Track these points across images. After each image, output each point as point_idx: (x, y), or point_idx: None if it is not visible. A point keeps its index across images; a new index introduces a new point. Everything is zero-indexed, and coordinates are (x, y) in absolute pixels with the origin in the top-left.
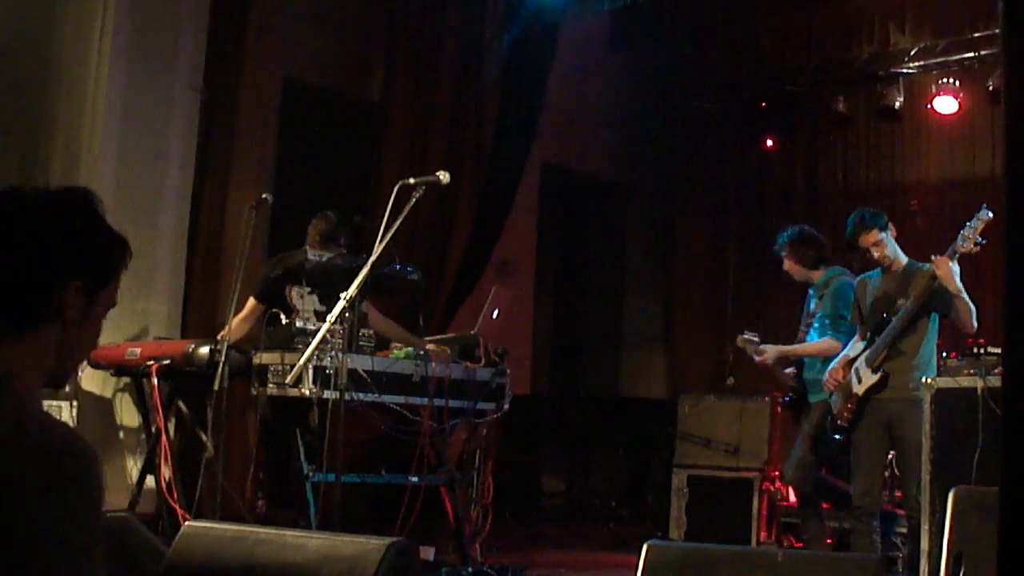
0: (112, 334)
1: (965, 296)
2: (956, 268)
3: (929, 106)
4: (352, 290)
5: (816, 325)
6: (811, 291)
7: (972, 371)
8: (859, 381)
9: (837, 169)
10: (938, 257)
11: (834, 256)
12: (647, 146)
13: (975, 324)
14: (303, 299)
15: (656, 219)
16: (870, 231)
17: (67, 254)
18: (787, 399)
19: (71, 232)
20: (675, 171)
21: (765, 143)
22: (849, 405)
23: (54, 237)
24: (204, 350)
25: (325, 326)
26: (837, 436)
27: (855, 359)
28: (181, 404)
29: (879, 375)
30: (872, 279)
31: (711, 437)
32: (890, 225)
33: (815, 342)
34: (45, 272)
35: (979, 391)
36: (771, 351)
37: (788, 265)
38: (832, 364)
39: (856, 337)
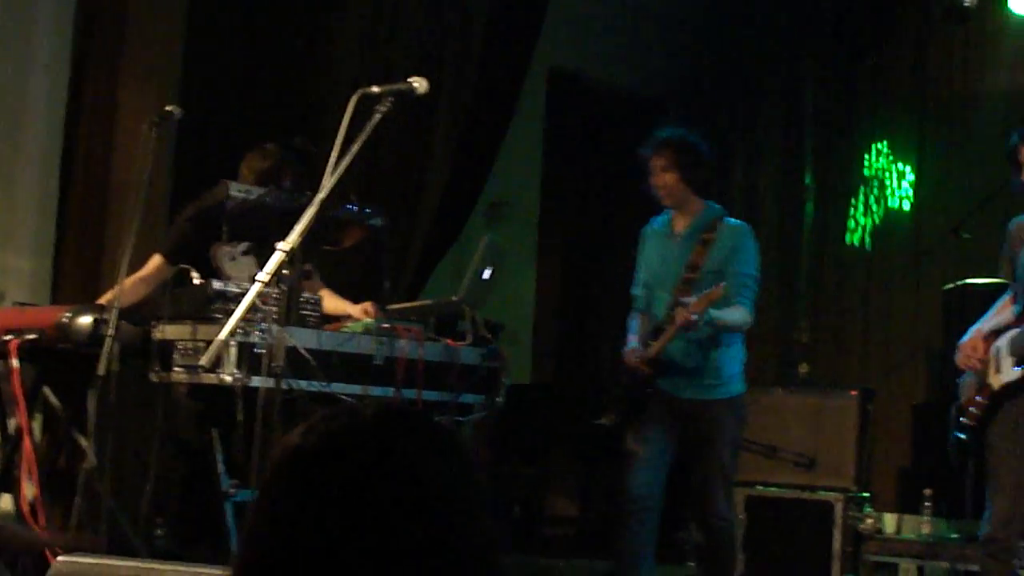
0: None
1: None
2: None
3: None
4: (293, 238)
5: (706, 284)
6: (679, 230)
7: None
8: (997, 370)
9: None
10: None
11: None
12: (684, 48)
13: None
14: (235, 262)
15: None
16: None
17: None
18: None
19: None
20: (721, 79)
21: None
22: (979, 398)
23: None
24: (85, 320)
25: (254, 287)
26: (961, 435)
27: (1000, 331)
28: (51, 395)
29: (1022, 371)
30: None
31: (778, 445)
32: None
33: (732, 313)
34: None
35: None
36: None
37: (664, 177)
38: (965, 336)
39: (1003, 301)
